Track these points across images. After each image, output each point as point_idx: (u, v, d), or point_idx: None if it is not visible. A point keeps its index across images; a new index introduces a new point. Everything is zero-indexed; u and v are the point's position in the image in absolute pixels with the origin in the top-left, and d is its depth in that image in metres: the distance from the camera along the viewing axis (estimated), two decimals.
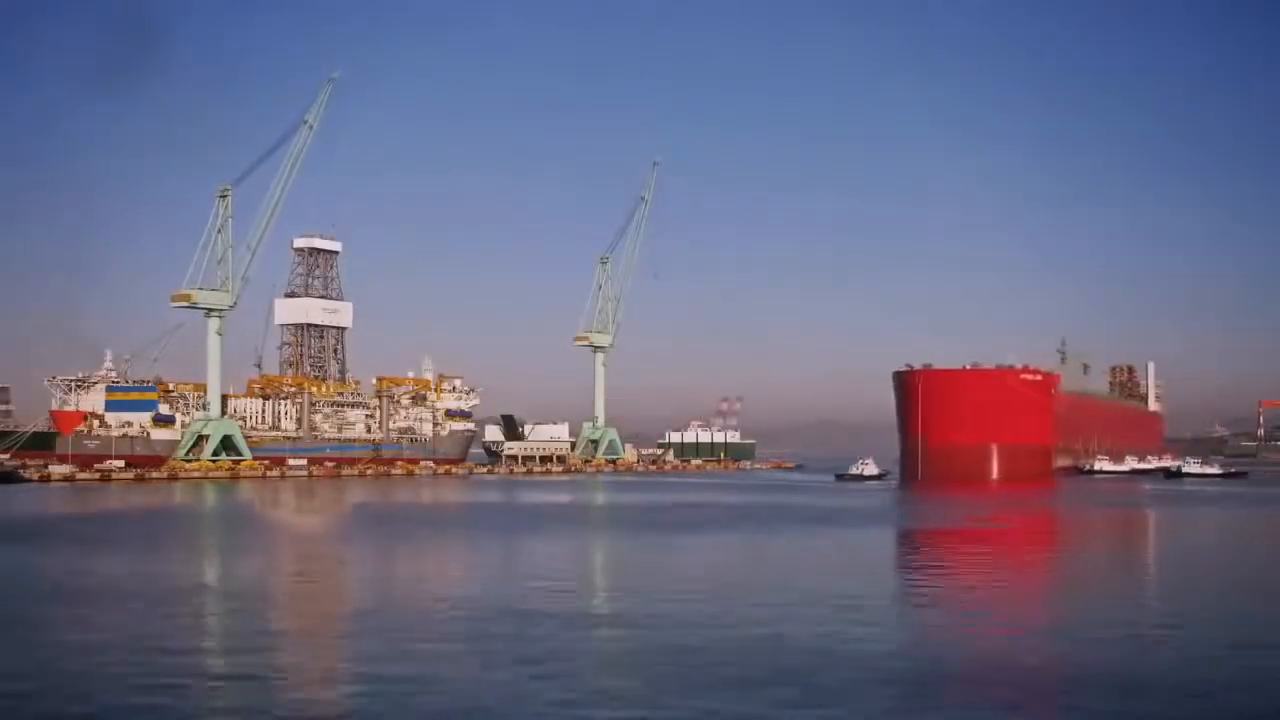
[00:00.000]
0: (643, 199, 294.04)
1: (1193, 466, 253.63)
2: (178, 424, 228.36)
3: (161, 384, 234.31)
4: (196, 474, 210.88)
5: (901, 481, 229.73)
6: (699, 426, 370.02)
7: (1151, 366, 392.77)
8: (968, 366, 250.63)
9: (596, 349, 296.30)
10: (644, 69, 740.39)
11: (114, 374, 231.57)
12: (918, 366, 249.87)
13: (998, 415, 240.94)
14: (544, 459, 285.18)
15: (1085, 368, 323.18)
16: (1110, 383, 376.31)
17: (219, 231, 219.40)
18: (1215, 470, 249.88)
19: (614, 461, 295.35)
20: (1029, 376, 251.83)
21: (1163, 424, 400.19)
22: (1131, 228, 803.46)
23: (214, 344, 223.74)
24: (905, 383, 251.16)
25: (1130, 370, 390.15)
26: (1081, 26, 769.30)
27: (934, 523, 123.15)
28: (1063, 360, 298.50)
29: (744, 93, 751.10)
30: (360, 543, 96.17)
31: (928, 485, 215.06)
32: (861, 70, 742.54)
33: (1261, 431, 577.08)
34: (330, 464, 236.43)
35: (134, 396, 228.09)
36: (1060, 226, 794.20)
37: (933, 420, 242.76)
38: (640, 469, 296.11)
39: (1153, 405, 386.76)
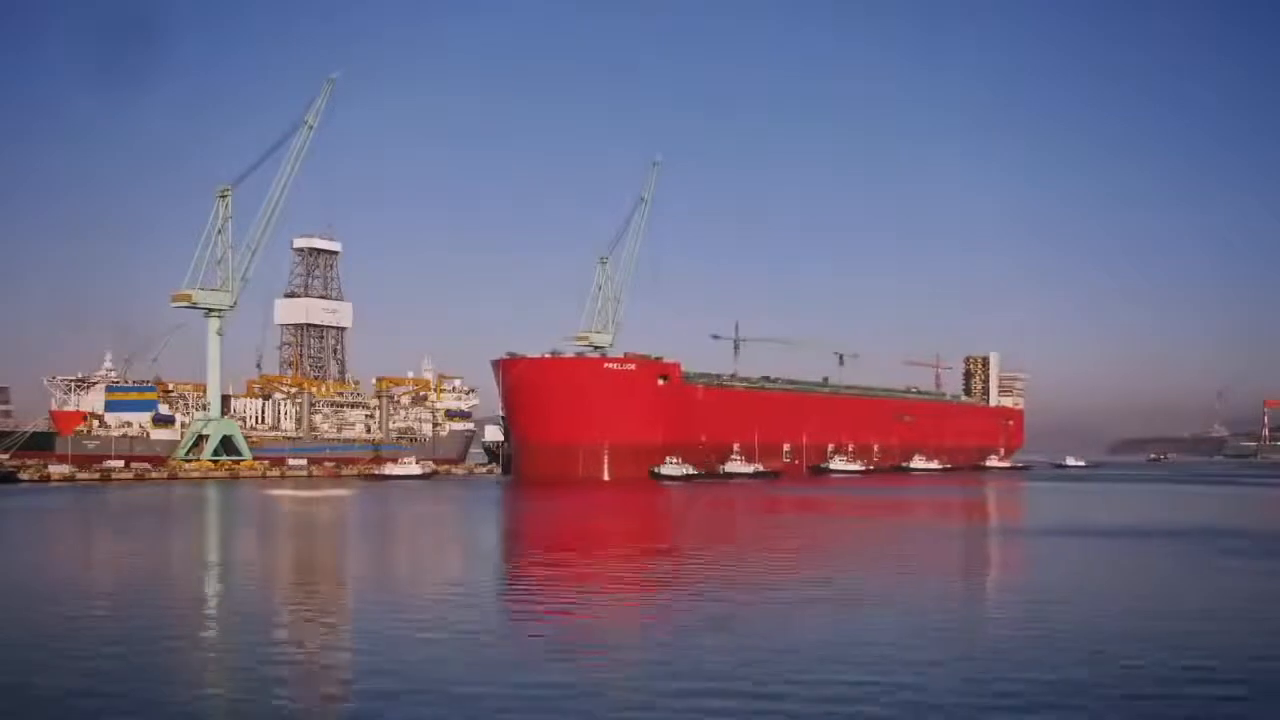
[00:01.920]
0: (643, 199, 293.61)
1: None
2: (178, 424, 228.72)
3: (161, 384, 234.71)
4: (196, 474, 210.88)
5: (506, 482, 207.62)
6: None
7: (995, 358, 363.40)
8: (547, 354, 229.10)
9: (596, 349, 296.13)
10: (645, 69, 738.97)
11: (114, 374, 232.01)
12: (508, 354, 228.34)
13: (587, 409, 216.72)
14: None
15: (841, 358, 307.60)
16: (964, 376, 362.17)
17: (219, 232, 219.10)
18: (858, 467, 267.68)
19: None
20: (615, 365, 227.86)
21: (1018, 421, 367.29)
22: (1132, 227, 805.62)
23: (214, 344, 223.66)
24: (497, 371, 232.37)
25: (984, 362, 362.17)
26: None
27: None
28: (736, 349, 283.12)
29: (744, 92, 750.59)
30: None
31: (524, 487, 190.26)
32: (861, 66, 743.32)
33: (1265, 431, 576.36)
34: (330, 464, 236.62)
35: (134, 396, 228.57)
36: (1060, 222, 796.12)
37: (521, 414, 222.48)
38: None
39: (997, 400, 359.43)
